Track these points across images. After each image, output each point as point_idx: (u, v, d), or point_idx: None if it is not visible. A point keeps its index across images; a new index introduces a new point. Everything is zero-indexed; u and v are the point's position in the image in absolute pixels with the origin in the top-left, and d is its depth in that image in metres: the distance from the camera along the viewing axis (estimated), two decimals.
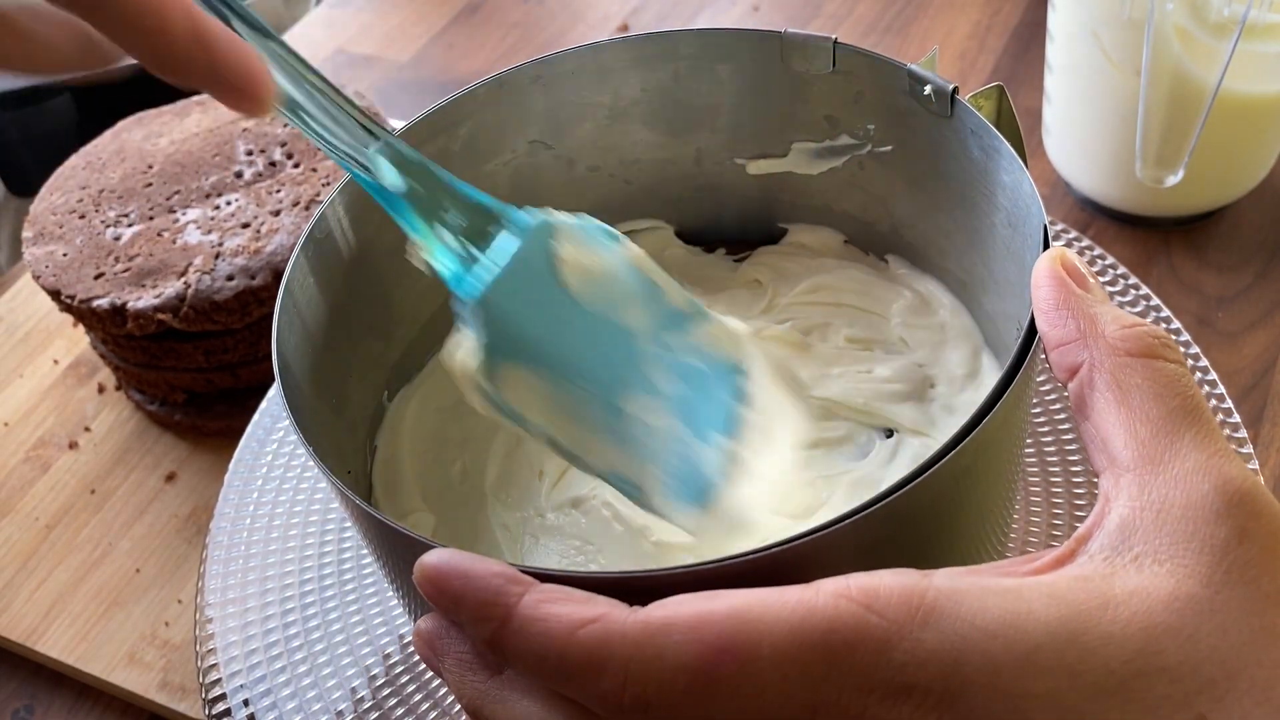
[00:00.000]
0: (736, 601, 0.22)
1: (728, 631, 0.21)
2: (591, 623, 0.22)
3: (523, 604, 0.23)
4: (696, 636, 0.21)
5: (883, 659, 0.21)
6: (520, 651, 0.23)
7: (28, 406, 0.56)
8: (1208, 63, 0.44)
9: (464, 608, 0.23)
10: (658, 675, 0.21)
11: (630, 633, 0.22)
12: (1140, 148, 0.47)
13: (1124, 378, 0.24)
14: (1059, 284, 0.26)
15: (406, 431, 0.40)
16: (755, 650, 0.21)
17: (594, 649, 0.22)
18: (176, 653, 0.45)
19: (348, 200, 0.35)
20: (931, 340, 0.39)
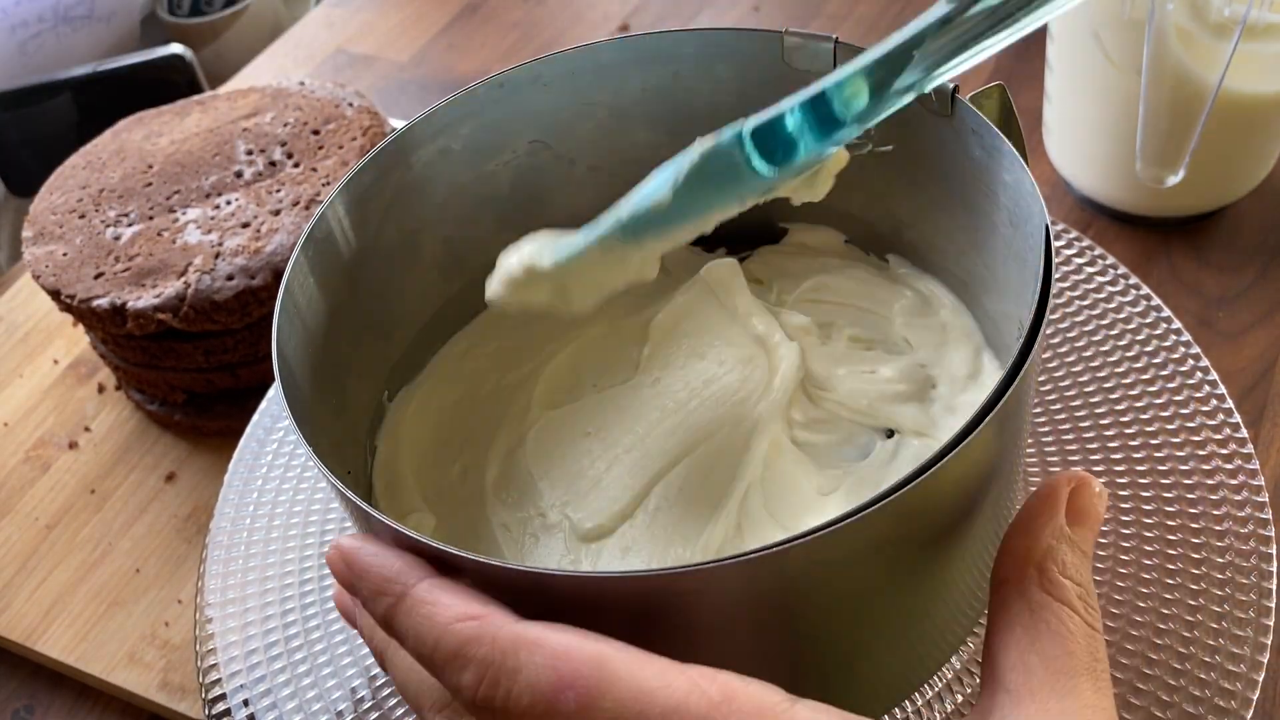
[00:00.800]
0: (606, 649, 0.23)
1: (584, 671, 0.23)
2: (471, 619, 0.24)
3: (418, 587, 0.25)
4: (553, 664, 0.23)
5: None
6: (404, 630, 0.25)
7: (28, 406, 0.56)
8: (1208, 63, 0.44)
9: (365, 583, 0.26)
10: (509, 687, 0.23)
11: (501, 639, 0.23)
12: (1140, 147, 0.47)
13: (1041, 611, 0.25)
14: (1052, 508, 0.27)
15: (406, 432, 0.40)
16: (598, 698, 0.22)
17: (464, 643, 0.24)
18: (176, 653, 0.45)
19: (348, 200, 0.35)
20: (933, 340, 0.39)
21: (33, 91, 0.74)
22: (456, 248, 0.41)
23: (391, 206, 0.37)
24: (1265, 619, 0.35)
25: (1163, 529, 0.38)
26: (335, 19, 0.80)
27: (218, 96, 0.59)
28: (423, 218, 0.39)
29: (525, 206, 0.42)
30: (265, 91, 0.57)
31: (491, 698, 0.23)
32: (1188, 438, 0.40)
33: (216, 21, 0.85)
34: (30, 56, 0.81)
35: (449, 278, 0.41)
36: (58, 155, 0.58)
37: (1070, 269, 0.46)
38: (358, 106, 0.55)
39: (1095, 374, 0.42)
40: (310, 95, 0.57)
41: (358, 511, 0.27)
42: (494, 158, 0.40)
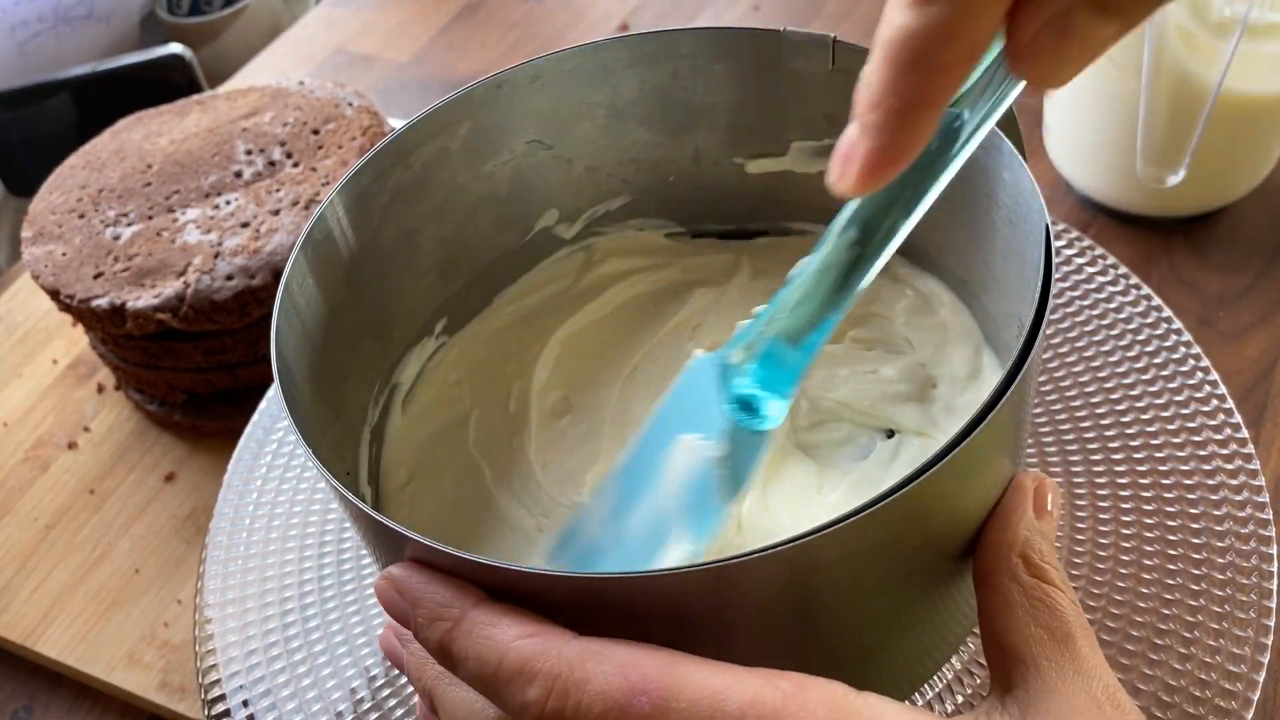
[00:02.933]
0: (672, 654, 0.23)
1: (654, 675, 0.23)
2: (533, 635, 0.24)
3: (475, 610, 0.25)
4: (623, 671, 0.23)
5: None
6: (465, 653, 0.24)
7: (27, 406, 0.56)
8: (1208, 63, 0.44)
9: (420, 609, 0.25)
10: (579, 697, 0.23)
11: (567, 652, 0.23)
12: (1141, 147, 0.47)
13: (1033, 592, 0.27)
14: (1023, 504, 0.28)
15: (406, 432, 0.40)
16: (672, 699, 0.22)
17: (529, 658, 0.23)
18: (176, 653, 0.45)
19: (347, 200, 0.35)
20: (933, 340, 0.39)
21: (33, 91, 0.74)
22: (455, 248, 0.41)
23: (390, 206, 0.37)
24: (1266, 619, 0.35)
25: (1163, 529, 0.38)
26: (335, 19, 0.80)
27: (217, 96, 0.59)
28: (422, 218, 0.39)
29: (524, 206, 0.42)
30: (265, 91, 0.57)
31: (561, 710, 0.23)
32: (1188, 438, 0.40)
33: (216, 21, 0.85)
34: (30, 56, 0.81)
35: (448, 278, 0.41)
36: (57, 155, 0.58)
37: (1071, 269, 0.46)
38: (357, 106, 0.55)
39: (1096, 374, 0.42)
40: (310, 95, 0.56)
41: (357, 512, 0.27)
42: (493, 158, 0.40)
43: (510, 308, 0.43)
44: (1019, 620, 0.27)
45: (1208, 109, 0.45)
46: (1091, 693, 0.25)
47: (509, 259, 0.43)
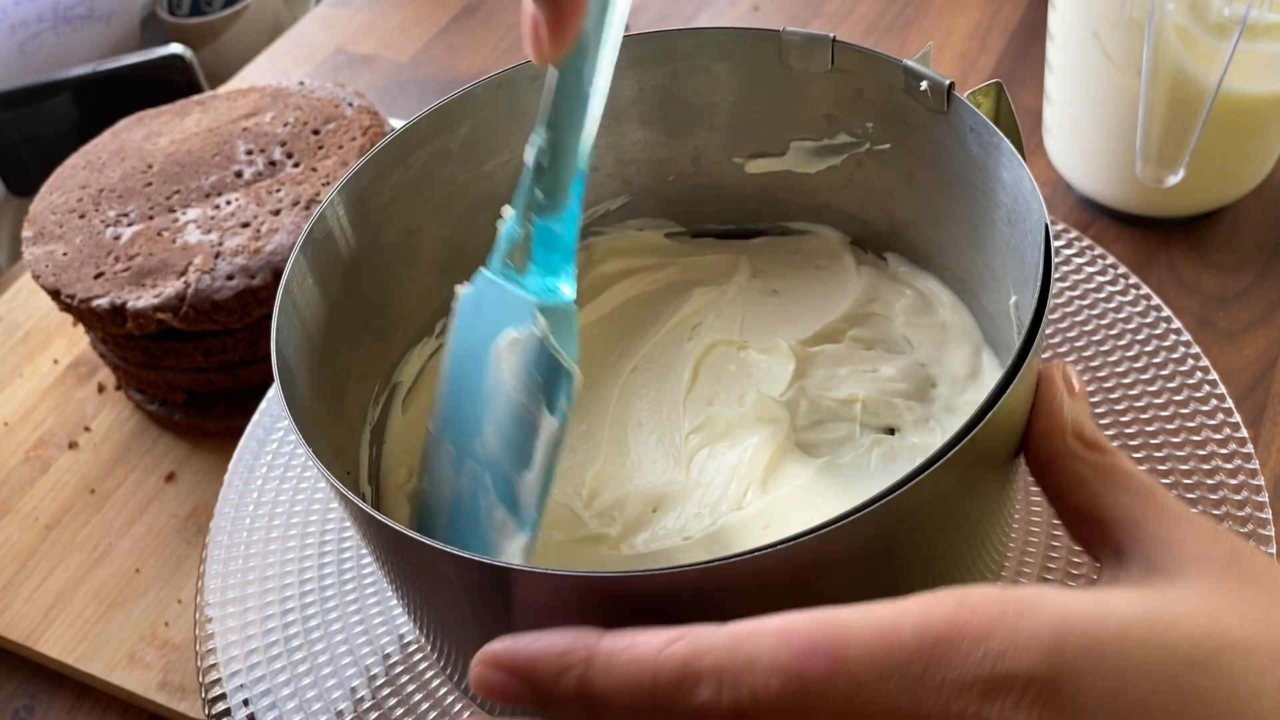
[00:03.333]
0: (823, 610, 0.22)
1: (816, 634, 0.21)
2: (678, 640, 0.22)
3: (602, 642, 0.23)
4: (785, 640, 0.22)
5: (980, 649, 0.21)
6: (611, 688, 0.22)
7: (28, 406, 0.56)
8: (1208, 63, 0.44)
9: (540, 669, 0.23)
10: (751, 680, 0.21)
11: (719, 642, 0.22)
12: (1141, 147, 0.47)
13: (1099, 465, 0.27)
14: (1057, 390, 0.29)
15: (406, 432, 0.40)
16: (845, 649, 0.21)
17: (685, 662, 0.22)
18: (176, 653, 0.45)
19: (347, 200, 0.35)
20: (933, 339, 0.39)
21: (33, 91, 0.74)
22: (456, 247, 0.41)
23: (391, 206, 0.37)
24: None
25: None
26: (335, 19, 0.80)
27: (217, 96, 0.59)
28: (422, 217, 0.39)
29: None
30: (265, 91, 0.57)
31: (738, 700, 0.21)
32: (1188, 437, 0.40)
33: (216, 21, 0.85)
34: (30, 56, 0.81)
35: (448, 277, 0.41)
36: (58, 155, 0.58)
37: (1070, 269, 0.46)
38: (357, 106, 0.55)
39: (1095, 374, 0.42)
40: (310, 95, 0.57)
41: (357, 512, 0.27)
42: (493, 157, 0.40)
43: None
44: (1100, 492, 0.27)
45: (1207, 109, 0.45)
46: (1200, 530, 0.25)
47: None
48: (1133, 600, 0.23)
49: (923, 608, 0.22)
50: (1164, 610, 0.22)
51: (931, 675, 0.21)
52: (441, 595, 0.29)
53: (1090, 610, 0.22)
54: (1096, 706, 0.21)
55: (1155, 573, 0.24)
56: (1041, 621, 0.21)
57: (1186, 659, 0.21)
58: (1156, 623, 0.22)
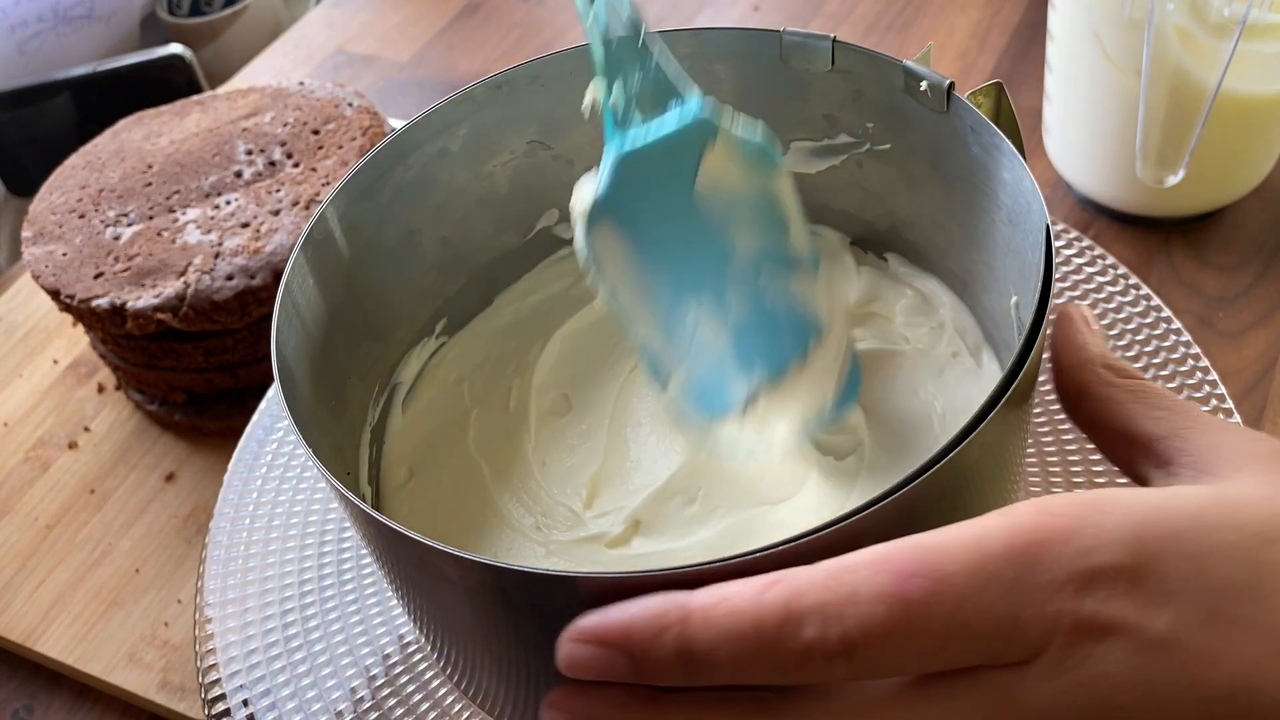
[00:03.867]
0: (910, 539, 0.22)
1: (911, 558, 0.22)
2: (774, 584, 0.22)
3: (695, 599, 0.23)
4: (882, 568, 0.22)
5: (1069, 548, 0.22)
6: (712, 640, 0.22)
7: (27, 406, 0.56)
8: (1208, 63, 0.44)
9: (637, 633, 0.23)
10: (855, 612, 0.22)
11: (817, 579, 0.22)
12: (1141, 148, 0.47)
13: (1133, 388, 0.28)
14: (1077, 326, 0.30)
15: (406, 432, 0.40)
16: (942, 568, 0.22)
17: (785, 604, 0.22)
18: (176, 653, 0.45)
19: (347, 200, 0.35)
20: (932, 339, 0.39)
21: (33, 91, 0.74)
22: (456, 248, 0.41)
23: (391, 207, 0.37)
24: None
25: None
26: (335, 19, 0.80)
27: (217, 96, 0.59)
28: (422, 218, 0.39)
29: (524, 207, 0.42)
30: (265, 91, 0.57)
31: (846, 634, 0.21)
32: None
33: (216, 21, 0.85)
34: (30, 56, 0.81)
35: (448, 278, 0.41)
36: (58, 155, 0.58)
37: (1070, 269, 0.46)
38: (357, 106, 0.55)
39: None
40: (310, 95, 0.57)
41: (357, 512, 0.27)
42: (493, 158, 0.40)
43: (510, 308, 0.43)
44: (1138, 411, 0.27)
45: (1207, 109, 0.45)
46: (1242, 434, 0.26)
47: (509, 259, 0.43)
48: (1199, 491, 0.24)
49: (1005, 519, 0.22)
50: (1229, 497, 0.23)
51: (1027, 579, 0.22)
52: (442, 596, 0.29)
53: (1163, 502, 0.23)
54: (1183, 587, 0.22)
55: (1206, 474, 0.25)
56: (1120, 515, 0.22)
57: (1259, 535, 0.22)
58: (1226, 507, 0.23)
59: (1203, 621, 0.22)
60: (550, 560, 0.35)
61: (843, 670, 0.22)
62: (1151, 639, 0.22)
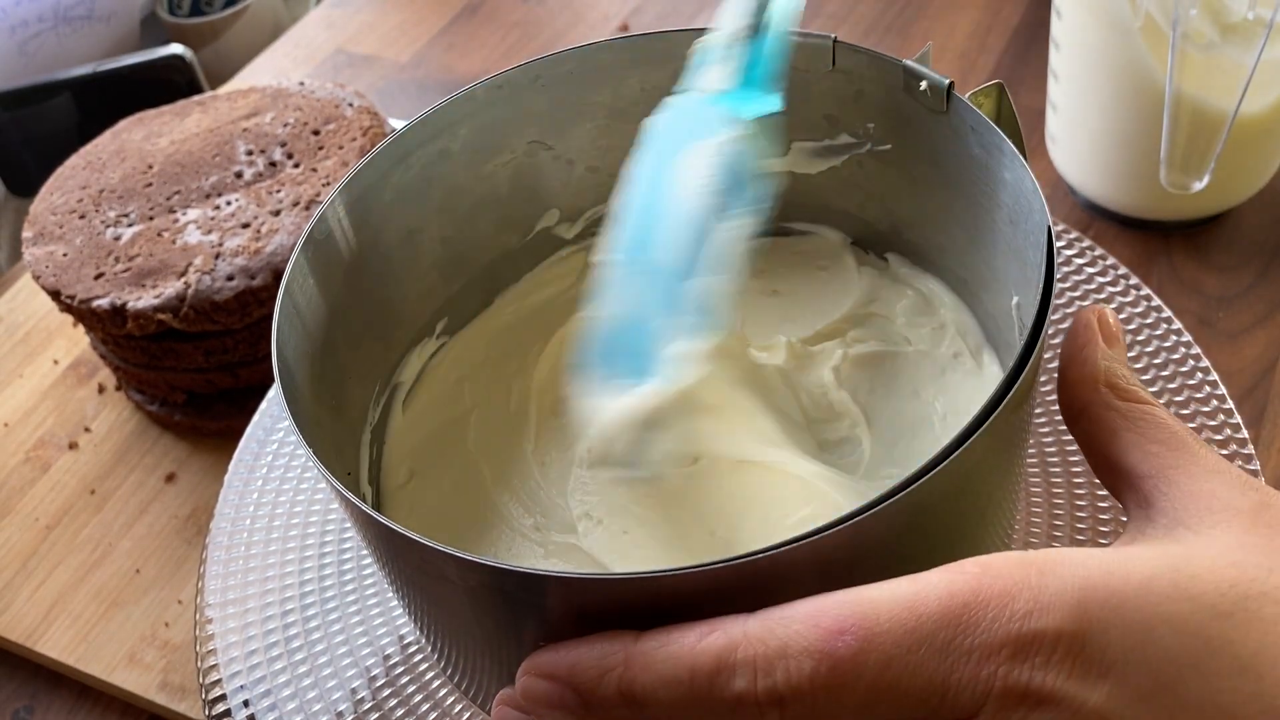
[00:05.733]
0: (849, 591, 0.22)
1: (843, 614, 0.22)
2: (711, 632, 0.23)
3: (639, 643, 0.23)
4: (814, 623, 0.22)
5: (1005, 611, 0.21)
6: (651, 683, 0.23)
7: (28, 406, 0.56)
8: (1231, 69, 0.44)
9: (582, 671, 0.24)
10: (785, 665, 0.22)
11: (751, 630, 0.22)
12: (1165, 154, 0.47)
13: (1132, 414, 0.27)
14: (1092, 337, 0.29)
15: (407, 433, 0.40)
16: (874, 627, 0.22)
17: (721, 653, 0.22)
18: (176, 653, 0.45)
19: (348, 201, 0.35)
20: (933, 339, 0.39)
21: (33, 91, 0.74)
22: (456, 248, 0.41)
23: (391, 207, 0.37)
24: None
25: None
26: (335, 19, 0.80)
27: (218, 97, 0.59)
28: (422, 218, 0.39)
29: (524, 207, 0.42)
30: (265, 92, 0.57)
31: (773, 686, 0.22)
32: None
33: (216, 21, 0.85)
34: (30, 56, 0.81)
35: (449, 278, 0.41)
36: (58, 155, 0.58)
37: (1071, 269, 0.46)
38: (358, 107, 0.55)
39: None
40: (310, 95, 0.57)
41: (358, 513, 0.27)
42: (493, 158, 0.40)
43: (511, 308, 0.43)
44: (1131, 442, 0.26)
45: (1233, 114, 0.45)
46: (1229, 482, 0.25)
47: (510, 259, 0.43)
48: (1155, 554, 0.23)
49: (946, 578, 0.22)
50: (1188, 562, 0.22)
51: (960, 642, 0.21)
52: (442, 597, 0.29)
53: (1113, 566, 0.22)
54: (1125, 659, 0.21)
55: (1180, 526, 0.24)
56: (1064, 580, 0.22)
57: (1213, 608, 0.21)
58: (1181, 574, 0.22)
59: (1142, 697, 0.21)
60: (549, 561, 0.35)
61: (774, 719, 0.22)
62: (1087, 711, 0.21)
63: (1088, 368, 0.28)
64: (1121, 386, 0.27)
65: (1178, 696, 0.21)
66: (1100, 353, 0.28)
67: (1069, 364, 0.29)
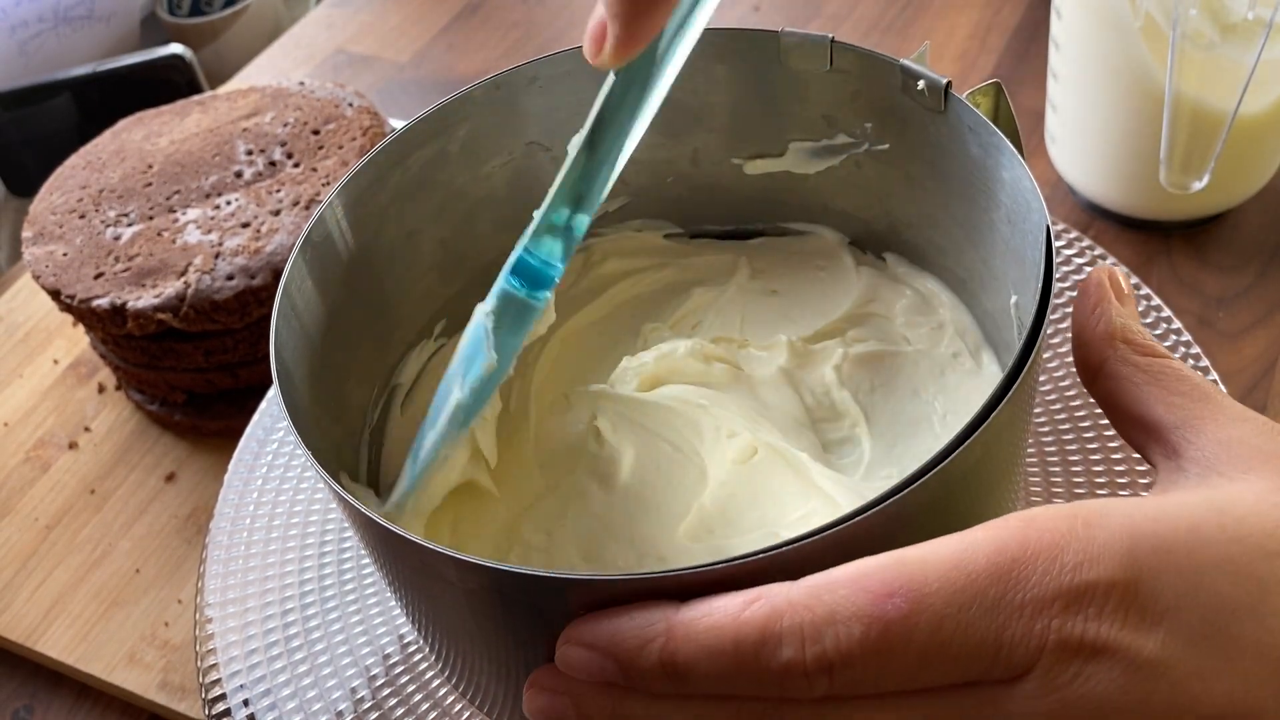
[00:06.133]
0: (892, 553, 0.22)
1: (890, 577, 0.21)
2: (754, 601, 0.22)
3: (680, 613, 0.23)
4: (861, 586, 0.21)
5: (1055, 564, 0.21)
6: (695, 656, 0.22)
7: (28, 406, 0.56)
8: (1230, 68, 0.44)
9: (623, 642, 0.23)
10: (833, 631, 0.21)
11: (796, 597, 0.22)
12: (1166, 155, 0.47)
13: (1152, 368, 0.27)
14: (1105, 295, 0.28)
15: (405, 434, 0.40)
16: (922, 587, 0.21)
17: (766, 622, 0.22)
18: (176, 653, 0.45)
19: (347, 201, 0.35)
20: (932, 339, 0.39)
21: (33, 91, 0.74)
22: (455, 249, 0.41)
23: (390, 207, 0.37)
24: None
25: None
26: (335, 19, 0.80)
27: (218, 96, 0.59)
28: (421, 218, 0.39)
29: (522, 208, 0.42)
30: (265, 92, 0.57)
31: (823, 653, 0.21)
32: None
33: (216, 21, 0.85)
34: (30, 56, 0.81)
35: (447, 279, 0.41)
36: (58, 155, 0.58)
37: (1070, 269, 0.46)
38: (358, 107, 0.55)
39: None
40: (310, 95, 0.57)
41: (356, 514, 0.27)
42: (492, 159, 0.40)
43: None
44: (1153, 395, 0.26)
45: (1232, 114, 0.45)
46: (1257, 429, 0.25)
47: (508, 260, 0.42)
48: (1198, 500, 0.23)
49: (991, 534, 0.22)
50: (1233, 505, 0.22)
51: (1011, 598, 0.21)
52: (442, 598, 0.29)
53: (1158, 513, 0.22)
54: (1178, 605, 0.21)
55: (1213, 473, 0.24)
56: (1111, 530, 0.21)
57: (1261, 548, 0.22)
58: (1227, 517, 0.22)
59: (1197, 641, 0.21)
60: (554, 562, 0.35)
61: (823, 687, 0.22)
62: (1143, 660, 0.21)
63: (1103, 325, 0.28)
64: (1138, 341, 0.27)
65: (1233, 638, 0.21)
66: (1115, 310, 0.28)
67: (1084, 323, 0.28)
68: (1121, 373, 0.27)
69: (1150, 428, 0.26)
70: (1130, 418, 0.27)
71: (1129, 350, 0.27)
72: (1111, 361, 0.27)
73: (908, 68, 0.34)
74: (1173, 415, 0.26)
